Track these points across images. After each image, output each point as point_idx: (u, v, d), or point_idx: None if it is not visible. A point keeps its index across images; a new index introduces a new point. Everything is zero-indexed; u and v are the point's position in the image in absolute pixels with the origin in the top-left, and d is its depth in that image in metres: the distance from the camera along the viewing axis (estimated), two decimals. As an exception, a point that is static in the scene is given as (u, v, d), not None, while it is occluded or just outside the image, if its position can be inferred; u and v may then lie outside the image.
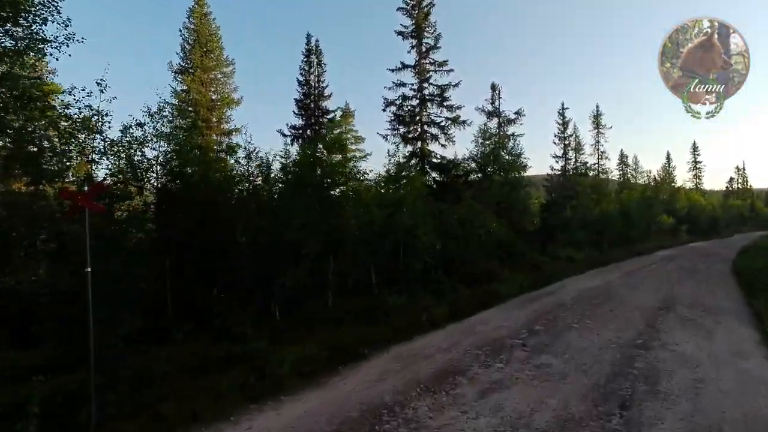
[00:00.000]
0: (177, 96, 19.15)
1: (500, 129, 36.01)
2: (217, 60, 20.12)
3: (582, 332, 9.19)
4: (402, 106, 23.79)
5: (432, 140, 24.24)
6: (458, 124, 23.99)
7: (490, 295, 13.32)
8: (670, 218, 49.00)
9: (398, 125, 23.78)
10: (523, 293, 14.41)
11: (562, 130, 44.97)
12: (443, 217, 15.82)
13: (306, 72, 24.97)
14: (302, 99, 24.79)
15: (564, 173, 44.77)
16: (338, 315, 10.68)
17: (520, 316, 10.87)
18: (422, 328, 9.76)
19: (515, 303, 12.72)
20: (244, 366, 6.94)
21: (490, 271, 17.35)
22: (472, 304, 12.11)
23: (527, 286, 15.49)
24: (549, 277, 17.64)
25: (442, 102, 23.86)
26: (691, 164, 73.66)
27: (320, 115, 24.95)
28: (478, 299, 12.83)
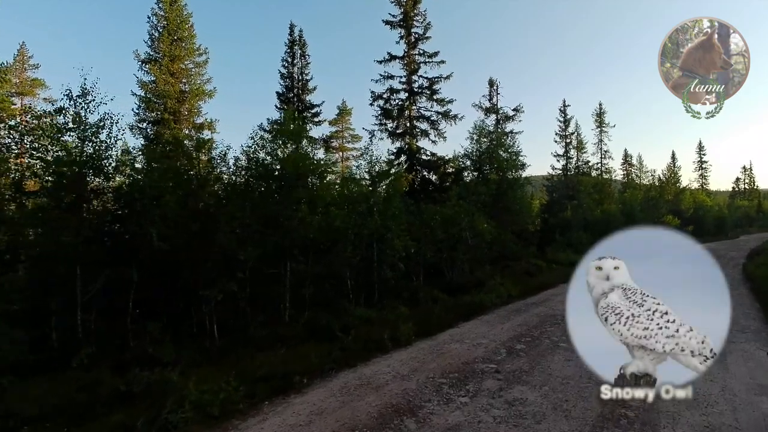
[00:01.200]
0: (143, 87, 17.85)
1: (498, 126, 34.77)
2: (188, 49, 18.80)
3: (569, 354, 7.77)
4: (389, 100, 22.45)
5: (422, 136, 22.92)
6: (449, 119, 22.67)
7: (473, 306, 11.91)
8: (676, 219, 47.41)
9: (385, 120, 22.44)
10: (512, 302, 13.01)
11: (564, 128, 43.52)
12: (425, 218, 14.40)
13: (289, 64, 23.64)
14: (284, 92, 23.47)
15: (565, 172, 43.31)
16: (291, 332, 9.33)
17: (502, 332, 9.47)
18: (384, 348, 8.38)
19: (500, 315, 11.32)
20: (141, 404, 5.58)
21: (478, 278, 15.96)
22: (450, 317, 10.72)
23: (518, 294, 14.09)
24: (543, 284, 16.23)
25: (432, 95, 22.51)
26: (696, 164, 71.98)
27: (304, 110, 23.60)
28: (459, 310, 11.43)
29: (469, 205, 16.93)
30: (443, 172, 21.07)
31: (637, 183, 52.87)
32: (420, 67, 22.69)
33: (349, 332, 9.25)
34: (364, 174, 13.09)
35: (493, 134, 29.37)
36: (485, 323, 10.41)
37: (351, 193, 11.26)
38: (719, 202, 65.94)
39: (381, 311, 11.38)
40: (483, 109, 34.34)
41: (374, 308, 11.75)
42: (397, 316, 10.95)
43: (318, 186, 11.13)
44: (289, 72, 23.38)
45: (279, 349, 8.37)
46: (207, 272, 7.95)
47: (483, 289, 14.58)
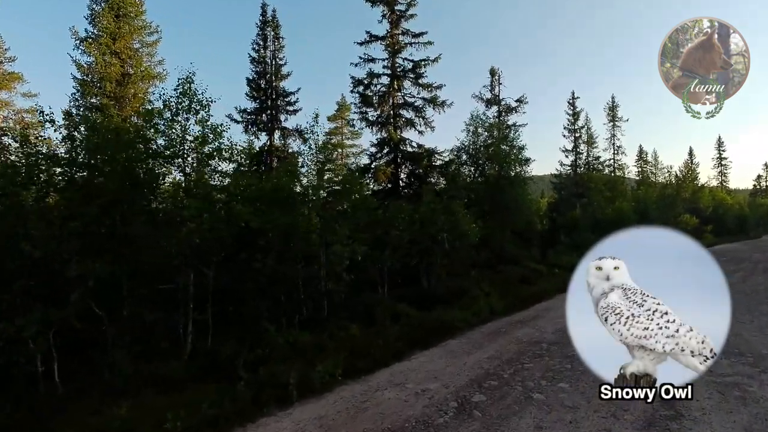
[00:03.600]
0: (80, 69, 15.74)
1: (500, 118, 32.28)
2: (135, 26, 16.63)
3: (543, 414, 5.33)
4: (369, 85, 20.03)
5: (408, 126, 20.42)
6: (437, 106, 20.14)
7: (440, 326, 9.48)
8: (694, 218, 44.36)
9: (366, 108, 20.03)
10: (493, 320, 10.59)
11: (573, 121, 40.65)
12: (388, 217, 11.96)
13: (260, 47, 21.34)
14: (256, 79, 21.18)
15: (575, 168, 40.50)
16: (181, 369, 7.04)
17: (463, 370, 7.04)
18: (286, 398, 6.02)
19: (471, 340, 8.89)
20: None
21: (460, 286, 13.51)
22: (400, 344, 8.31)
23: (503, 308, 11.64)
24: (538, 294, 13.77)
25: (417, 79, 20.01)
26: (716, 160, 68.32)
27: (277, 98, 21.31)
28: (419, 334, 9.02)
29: (453, 202, 14.44)
30: (426, 165, 18.60)
31: (652, 180, 49.70)
32: (404, 49, 20.24)
33: (258, 368, 6.93)
34: (308, 164, 10.70)
35: (493, 126, 27.02)
36: (447, 354, 7.98)
37: (279, 186, 8.87)
38: (740, 201, 62.54)
39: (321, 334, 9.04)
40: (484, 101, 31.93)
41: (318, 329, 9.42)
42: (338, 341, 8.63)
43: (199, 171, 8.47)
44: (260, 56, 21.11)
45: (149, 396, 6.09)
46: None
47: (463, 300, 12.20)
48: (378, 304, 11.02)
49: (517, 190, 22.94)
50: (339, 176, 10.90)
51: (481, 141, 24.64)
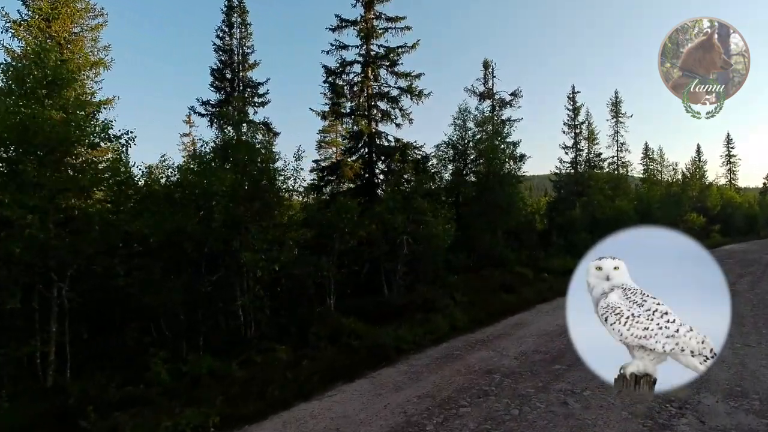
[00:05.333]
0: (11, 55, 14.29)
1: (494, 112, 30.65)
2: (74, 8, 15.14)
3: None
4: (341, 74, 18.42)
5: (384, 119, 18.79)
6: (414, 96, 18.46)
7: (381, 350, 7.87)
8: (701, 217, 42.37)
9: (337, 99, 18.41)
10: (450, 339, 8.94)
11: (573, 116, 38.80)
12: (329, 218, 10.29)
13: (226, 34, 19.78)
14: (220, 69, 19.63)
15: (575, 166, 38.70)
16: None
17: (380, 414, 5.41)
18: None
19: (412, 367, 7.25)
20: None
21: (424, 298, 11.87)
22: (323, 374, 6.71)
23: (467, 323, 10.00)
24: (515, 305, 12.11)
25: (392, 66, 18.37)
26: (724, 158, 65.96)
27: (243, 89, 19.76)
28: (357, 357, 7.44)
29: (418, 200, 12.79)
30: (399, 159, 16.92)
31: (657, 178, 47.66)
32: (381, 36, 18.56)
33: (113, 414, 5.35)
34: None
35: (485, 120, 25.40)
36: (371, 390, 6.34)
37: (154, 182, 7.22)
38: (749, 199, 60.36)
39: (234, 360, 7.46)
40: (477, 94, 30.35)
41: (236, 353, 7.85)
42: (252, 369, 7.07)
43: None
44: (225, 44, 19.59)
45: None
46: None
47: (425, 313, 10.59)
48: (318, 319, 9.43)
49: (507, 188, 21.31)
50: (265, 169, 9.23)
51: (469, 135, 23.04)
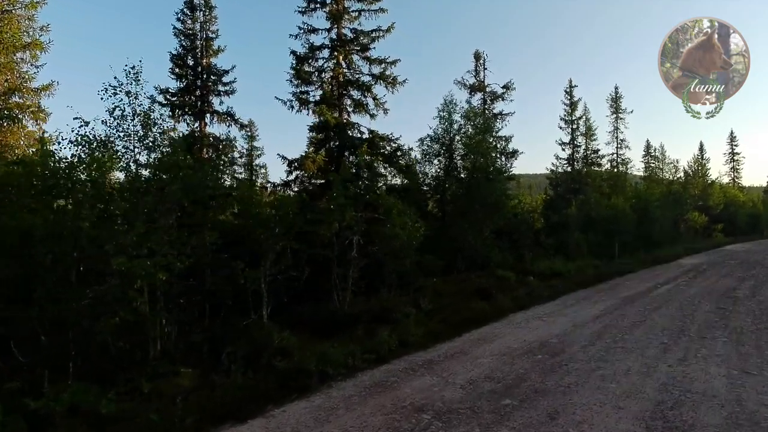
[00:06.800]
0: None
1: (485, 105, 29.26)
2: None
3: None
4: (308, 59, 16.99)
5: (357, 109, 17.37)
6: (389, 83, 17.04)
7: (297, 377, 6.46)
8: (703, 216, 40.87)
9: (304, 86, 16.98)
10: (392, 359, 7.52)
11: (570, 111, 37.34)
12: (265, 215, 8.87)
13: (187, 17, 18.36)
14: (182, 55, 18.21)
15: (572, 163, 37.20)
16: None
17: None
18: None
19: (329, 399, 5.83)
20: None
21: (381, 307, 10.46)
22: (209, 414, 5.31)
23: (420, 338, 8.58)
24: (483, 314, 10.67)
25: (363, 50, 16.95)
26: (728, 156, 64.16)
27: (206, 77, 18.35)
28: (252, 391, 6.03)
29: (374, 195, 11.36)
30: (366, 151, 15.44)
31: (659, 176, 46.13)
32: (355, 20, 17.11)
33: None
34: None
35: (475, 113, 24.01)
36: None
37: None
38: (753, 198, 58.81)
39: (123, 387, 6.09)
40: (467, 87, 28.97)
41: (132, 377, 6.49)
42: (135, 401, 5.67)
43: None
44: (187, 28, 18.20)
45: None
46: None
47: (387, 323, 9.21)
48: (244, 334, 8.03)
49: (494, 184, 19.89)
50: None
51: (455, 129, 21.63)
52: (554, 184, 38.05)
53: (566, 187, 36.76)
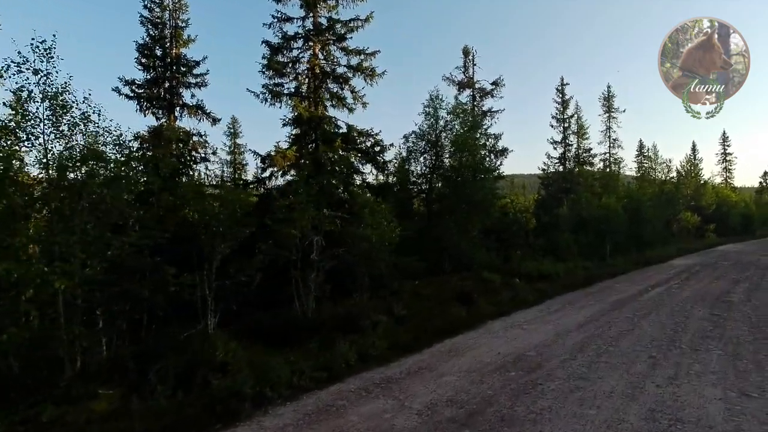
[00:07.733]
0: None
1: (474, 102, 28.52)
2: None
3: None
4: (282, 49, 16.06)
5: (335, 101, 16.45)
6: (367, 75, 16.13)
7: (230, 400, 5.56)
8: (695, 216, 40.33)
9: (278, 78, 16.05)
10: (348, 376, 6.64)
11: (561, 110, 36.66)
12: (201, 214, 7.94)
13: (156, 4, 17.31)
14: (149, 43, 17.18)
15: (563, 162, 36.51)
16: None
17: None
18: None
19: (258, 432, 4.96)
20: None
21: (348, 313, 9.56)
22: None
23: (384, 350, 7.71)
24: (458, 322, 9.85)
25: (339, 40, 16.04)
26: (720, 156, 63.78)
27: (176, 68, 17.35)
28: (173, 418, 5.13)
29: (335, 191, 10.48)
30: (340, 146, 14.54)
31: (651, 176, 45.54)
32: (334, 9, 16.22)
33: None
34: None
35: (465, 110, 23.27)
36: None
37: None
38: (745, 198, 58.52)
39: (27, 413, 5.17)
40: (455, 83, 28.20)
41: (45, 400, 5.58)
42: None
43: None
44: (155, 16, 17.20)
45: None
46: None
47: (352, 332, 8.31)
48: (182, 347, 7.12)
49: (482, 182, 19.11)
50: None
51: (441, 125, 20.84)
52: (545, 184, 37.35)
53: (558, 187, 36.13)
